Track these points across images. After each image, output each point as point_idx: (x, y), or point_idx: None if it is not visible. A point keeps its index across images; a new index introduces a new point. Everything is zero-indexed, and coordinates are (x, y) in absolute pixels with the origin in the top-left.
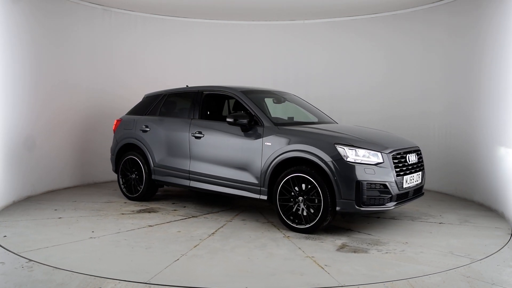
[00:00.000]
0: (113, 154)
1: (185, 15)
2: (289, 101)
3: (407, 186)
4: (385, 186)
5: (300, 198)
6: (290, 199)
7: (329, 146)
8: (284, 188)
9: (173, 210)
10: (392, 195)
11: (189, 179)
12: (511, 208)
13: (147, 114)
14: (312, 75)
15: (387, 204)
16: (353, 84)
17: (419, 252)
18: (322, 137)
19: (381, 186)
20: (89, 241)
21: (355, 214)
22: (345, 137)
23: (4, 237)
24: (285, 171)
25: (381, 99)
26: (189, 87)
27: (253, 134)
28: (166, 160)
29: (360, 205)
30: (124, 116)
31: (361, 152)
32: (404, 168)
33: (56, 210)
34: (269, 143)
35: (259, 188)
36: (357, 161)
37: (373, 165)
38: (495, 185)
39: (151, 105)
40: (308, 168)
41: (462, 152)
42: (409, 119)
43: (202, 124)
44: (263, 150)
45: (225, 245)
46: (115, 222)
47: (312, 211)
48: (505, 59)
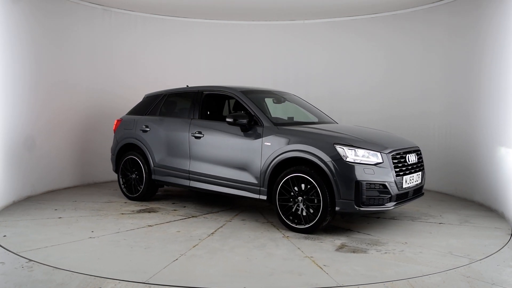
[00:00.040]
0: (114, 154)
1: (185, 15)
2: (289, 101)
3: (406, 186)
4: (384, 186)
5: (300, 198)
6: (290, 199)
7: (328, 146)
8: (283, 188)
9: (173, 210)
10: (391, 195)
11: (189, 179)
12: (511, 208)
13: (147, 114)
14: (312, 75)
15: (386, 204)
16: (353, 84)
17: (418, 253)
18: (321, 137)
19: (381, 186)
20: (88, 241)
21: (354, 214)
22: (345, 137)
23: (4, 237)
24: (284, 171)
25: (381, 99)
26: (189, 87)
27: (252, 134)
28: (166, 160)
29: (360, 205)
30: (125, 116)
31: (360, 152)
32: (404, 168)
33: (56, 210)
34: (269, 143)
35: (259, 188)
36: (356, 161)
37: (373, 165)
38: (495, 185)
39: (151, 105)
40: (307, 168)
41: (462, 152)
42: (409, 119)
43: (202, 124)
44: (263, 150)
45: (224, 245)
46: (114, 222)
47: (312, 211)
48: (505, 59)
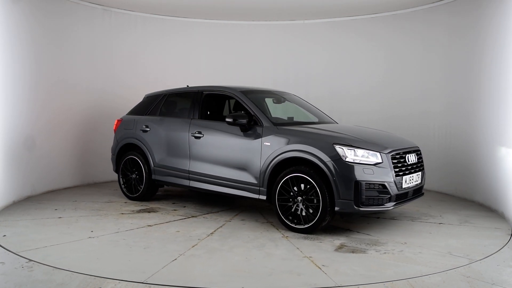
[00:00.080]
0: (114, 154)
1: (185, 15)
2: (289, 101)
3: (406, 186)
4: (384, 186)
5: (299, 198)
6: (289, 199)
7: (328, 146)
8: (283, 188)
9: (173, 210)
10: (391, 195)
11: (188, 179)
12: (511, 208)
13: (147, 114)
14: (312, 75)
15: (386, 205)
16: (353, 84)
17: (417, 253)
18: (320, 137)
19: (380, 186)
20: (88, 240)
21: (354, 214)
22: (344, 137)
23: (4, 237)
24: (284, 171)
25: (381, 99)
26: (189, 87)
27: (252, 134)
28: (166, 160)
29: (359, 205)
30: (125, 116)
31: (360, 152)
32: (404, 168)
33: (56, 210)
34: (268, 143)
35: (258, 188)
36: (356, 161)
37: (372, 165)
38: (495, 185)
39: (151, 105)
40: (307, 168)
41: (462, 152)
42: (409, 119)
43: (202, 124)
44: (262, 150)
45: (223, 245)
46: (114, 222)
47: (311, 211)
48: (505, 59)
